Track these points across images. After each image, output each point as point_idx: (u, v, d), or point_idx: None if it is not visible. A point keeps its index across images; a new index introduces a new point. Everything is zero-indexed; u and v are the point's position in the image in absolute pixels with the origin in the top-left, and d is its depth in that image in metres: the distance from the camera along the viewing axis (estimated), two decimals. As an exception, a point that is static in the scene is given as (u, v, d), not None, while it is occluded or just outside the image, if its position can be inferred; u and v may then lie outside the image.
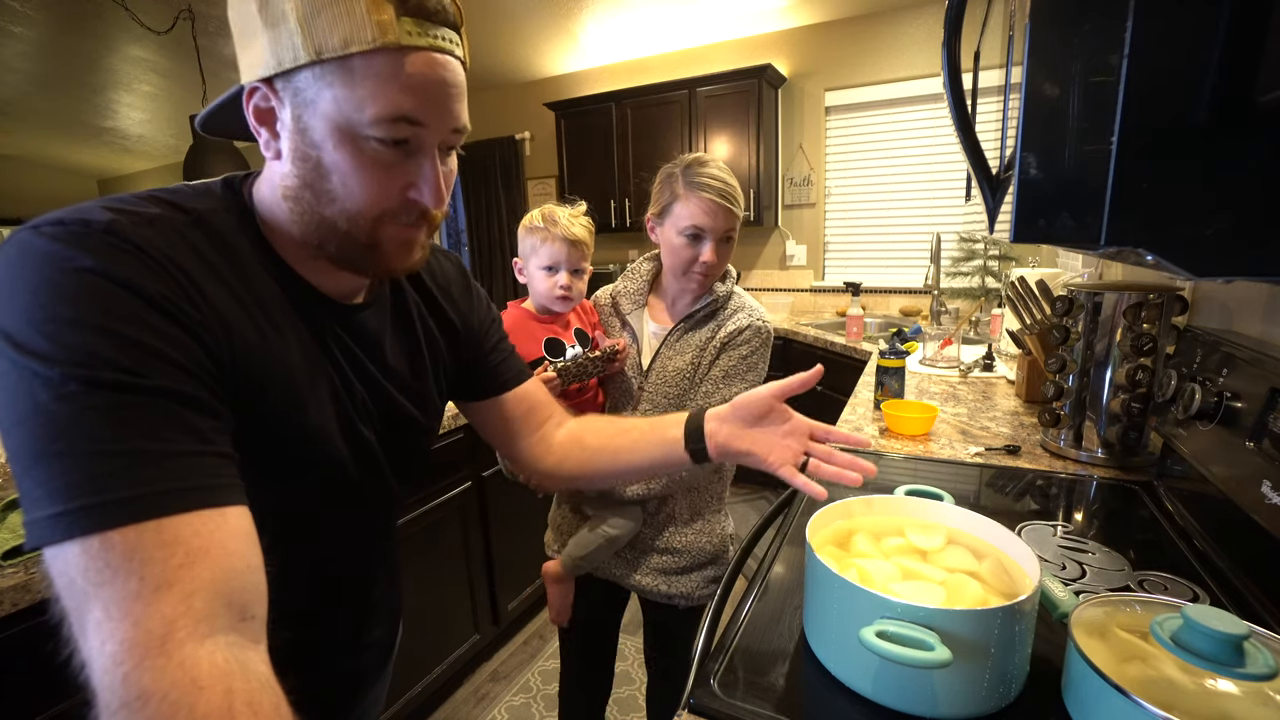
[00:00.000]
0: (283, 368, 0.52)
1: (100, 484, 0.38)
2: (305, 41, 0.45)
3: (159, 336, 0.42)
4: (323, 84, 0.46)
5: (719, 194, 1.03)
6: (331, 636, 0.68)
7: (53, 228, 0.42)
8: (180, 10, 3.12)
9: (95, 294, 0.41)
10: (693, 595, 1.16)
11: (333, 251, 0.53)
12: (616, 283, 1.25)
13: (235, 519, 0.42)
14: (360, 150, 0.48)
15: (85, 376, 0.39)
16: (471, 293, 0.77)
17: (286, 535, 0.49)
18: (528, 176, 4.47)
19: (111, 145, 5.77)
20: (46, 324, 0.39)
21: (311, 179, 0.49)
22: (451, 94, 0.50)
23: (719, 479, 1.19)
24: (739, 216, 1.08)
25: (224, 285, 0.49)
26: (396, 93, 0.46)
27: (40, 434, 0.38)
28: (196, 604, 0.38)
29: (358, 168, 0.48)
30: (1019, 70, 0.54)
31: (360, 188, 0.49)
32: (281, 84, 0.48)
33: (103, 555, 0.37)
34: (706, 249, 1.06)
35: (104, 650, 0.36)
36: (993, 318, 2.24)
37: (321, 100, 0.47)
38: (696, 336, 1.12)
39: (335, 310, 0.58)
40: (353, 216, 0.50)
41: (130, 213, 0.45)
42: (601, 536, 1.14)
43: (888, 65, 3.23)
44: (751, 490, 3.29)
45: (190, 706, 0.35)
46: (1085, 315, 1.06)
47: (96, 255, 0.41)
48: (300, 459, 0.55)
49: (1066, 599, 0.61)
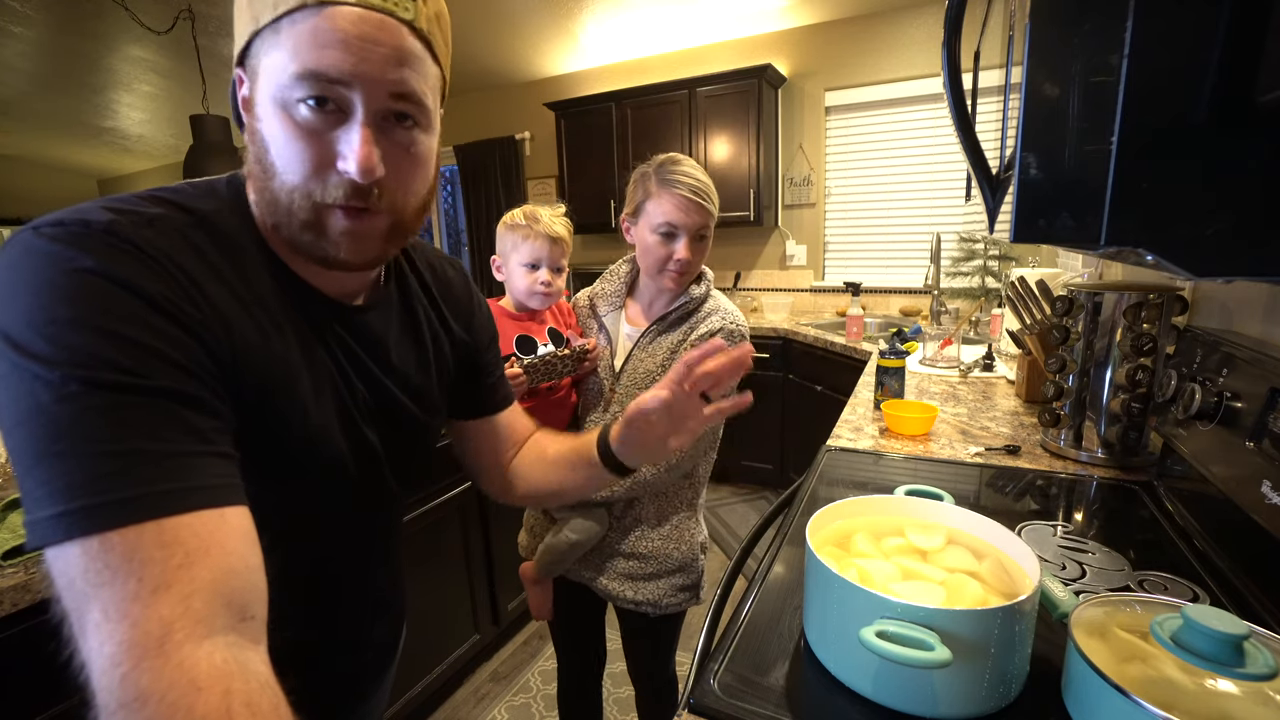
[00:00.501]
0: (284, 367, 0.52)
1: (101, 484, 0.38)
2: (249, 11, 0.45)
3: (159, 337, 0.42)
4: (262, 53, 0.46)
5: (691, 190, 1.04)
6: (332, 637, 0.68)
7: (53, 229, 0.42)
8: (180, 10, 3.12)
9: (95, 295, 0.41)
10: (661, 603, 1.15)
11: (285, 234, 0.51)
12: (595, 284, 1.24)
13: (235, 519, 0.42)
14: (290, 117, 0.46)
15: (86, 377, 0.39)
16: (474, 305, 0.76)
17: (287, 535, 0.49)
18: (528, 176, 4.47)
19: (111, 145, 5.77)
20: (47, 325, 0.39)
21: (259, 153, 0.48)
22: (382, 54, 0.46)
23: (689, 485, 1.18)
24: (713, 214, 1.07)
25: (225, 285, 0.48)
26: (315, 49, 0.44)
27: (41, 435, 0.38)
28: (195, 605, 0.38)
29: (289, 136, 0.46)
30: (1019, 70, 0.54)
31: (291, 156, 0.47)
32: (246, 65, 0.48)
33: (102, 556, 0.37)
34: (680, 246, 1.06)
35: (102, 651, 0.36)
36: (993, 318, 2.24)
37: (262, 69, 0.46)
38: (669, 339, 1.11)
39: (336, 310, 0.58)
40: (289, 190, 0.48)
41: (130, 213, 0.45)
42: (565, 541, 1.13)
43: (888, 65, 3.23)
44: (751, 490, 3.30)
45: (188, 708, 0.35)
46: (1085, 315, 1.06)
47: (96, 256, 0.41)
48: (301, 458, 0.55)
49: (1066, 599, 0.61)
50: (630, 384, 1.11)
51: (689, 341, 1.09)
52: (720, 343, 0.64)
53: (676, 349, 1.10)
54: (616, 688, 1.86)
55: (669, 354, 1.10)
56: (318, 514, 0.60)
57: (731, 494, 3.26)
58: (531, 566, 1.20)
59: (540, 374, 1.09)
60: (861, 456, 1.17)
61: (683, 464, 1.11)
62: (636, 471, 0.72)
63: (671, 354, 1.10)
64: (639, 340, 1.13)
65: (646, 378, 1.10)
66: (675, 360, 1.08)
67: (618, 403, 1.13)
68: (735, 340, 1.10)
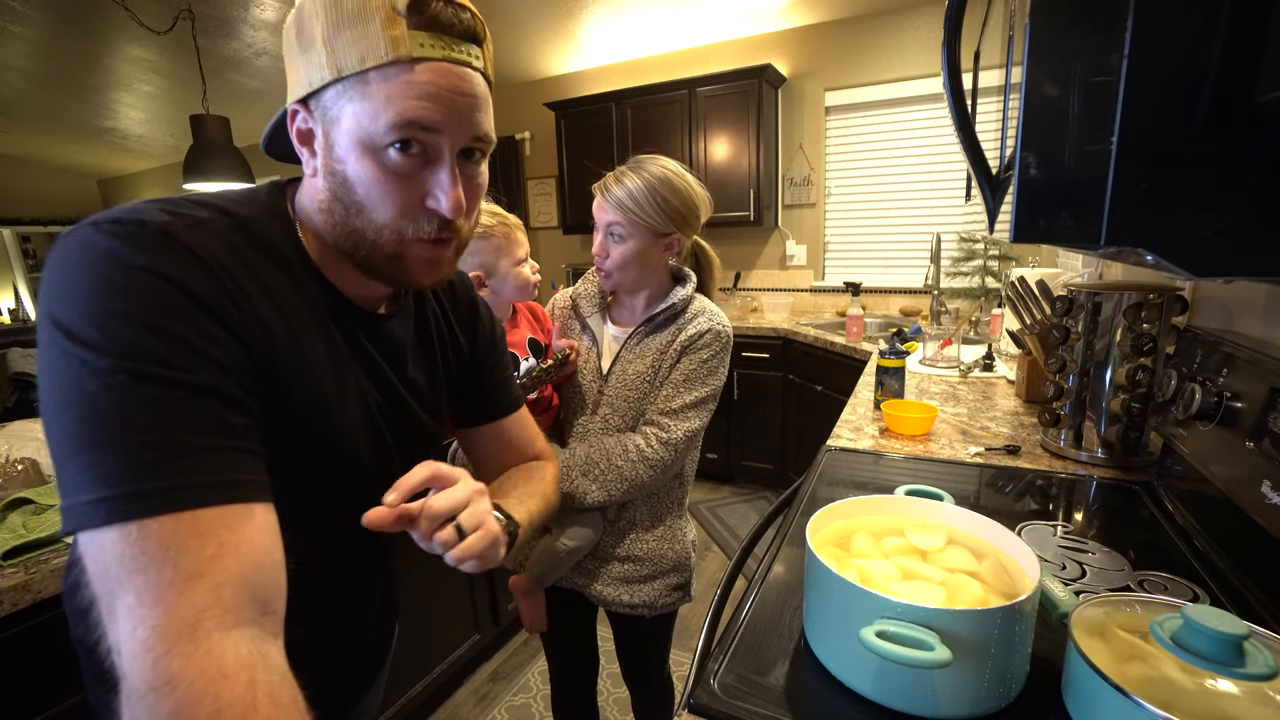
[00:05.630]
0: (314, 370, 0.53)
1: (142, 473, 0.39)
2: (329, 61, 0.47)
3: (204, 335, 0.44)
4: (344, 100, 0.49)
5: (604, 188, 1.07)
6: (332, 636, 0.69)
7: (111, 225, 0.43)
8: (180, 10, 3.12)
9: (148, 291, 0.42)
10: (656, 604, 1.15)
11: (362, 258, 0.54)
12: (576, 285, 1.24)
13: (262, 515, 0.44)
14: (380, 162, 0.50)
15: (133, 369, 0.40)
16: (478, 313, 0.77)
17: (303, 533, 0.49)
18: (528, 176, 4.47)
19: (111, 145, 5.77)
20: (99, 316, 0.41)
21: (340, 192, 0.51)
22: (466, 102, 0.50)
23: (679, 484, 1.18)
24: (627, 214, 1.05)
25: (263, 288, 0.50)
26: (407, 100, 0.48)
27: (87, 421, 0.39)
28: (225, 595, 0.39)
29: (378, 179, 0.50)
30: (1019, 70, 0.54)
31: (382, 198, 0.50)
32: (314, 104, 0.50)
33: (140, 543, 0.38)
34: (596, 240, 1.10)
35: (135, 635, 0.36)
36: (993, 318, 2.24)
37: (344, 116, 0.49)
38: (657, 340, 1.11)
39: (363, 318, 0.60)
40: (378, 227, 0.52)
41: (181, 215, 0.47)
42: (562, 549, 1.12)
43: (888, 65, 3.23)
44: (751, 490, 3.30)
45: (215, 695, 0.36)
46: (1085, 315, 1.06)
47: (151, 254, 0.43)
48: (324, 458, 0.56)
49: (1066, 599, 0.61)
50: (620, 385, 1.11)
51: (678, 343, 1.09)
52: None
53: (665, 350, 1.10)
54: (616, 688, 1.86)
55: (658, 355, 1.10)
56: (333, 514, 0.61)
57: (732, 494, 3.26)
58: (523, 578, 1.17)
59: (526, 390, 1.09)
60: (861, 456, 1.17)
61: (675, 466, 1.11)
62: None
63: (660, 355, 1.10)
64: (627, 341, 1.13)
65: (636, 379, 1.10)
66: (664, 361, 1.10)
67: (607, 404, 1.12)
68: (722, 341, 1.10)
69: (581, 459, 1.07)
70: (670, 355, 1.09)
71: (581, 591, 1.18)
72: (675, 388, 1.08)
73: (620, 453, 1.05)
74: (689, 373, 1.08)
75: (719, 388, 1.11)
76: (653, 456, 1.05)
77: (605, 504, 1.10)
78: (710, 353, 1.09)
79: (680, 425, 1.06)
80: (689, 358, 1.09)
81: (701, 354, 1.09)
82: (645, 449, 1.05)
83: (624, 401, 1.11)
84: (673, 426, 1.06)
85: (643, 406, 1.10)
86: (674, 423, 1.06)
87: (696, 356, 1.08)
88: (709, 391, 1.09)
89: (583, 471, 1.06)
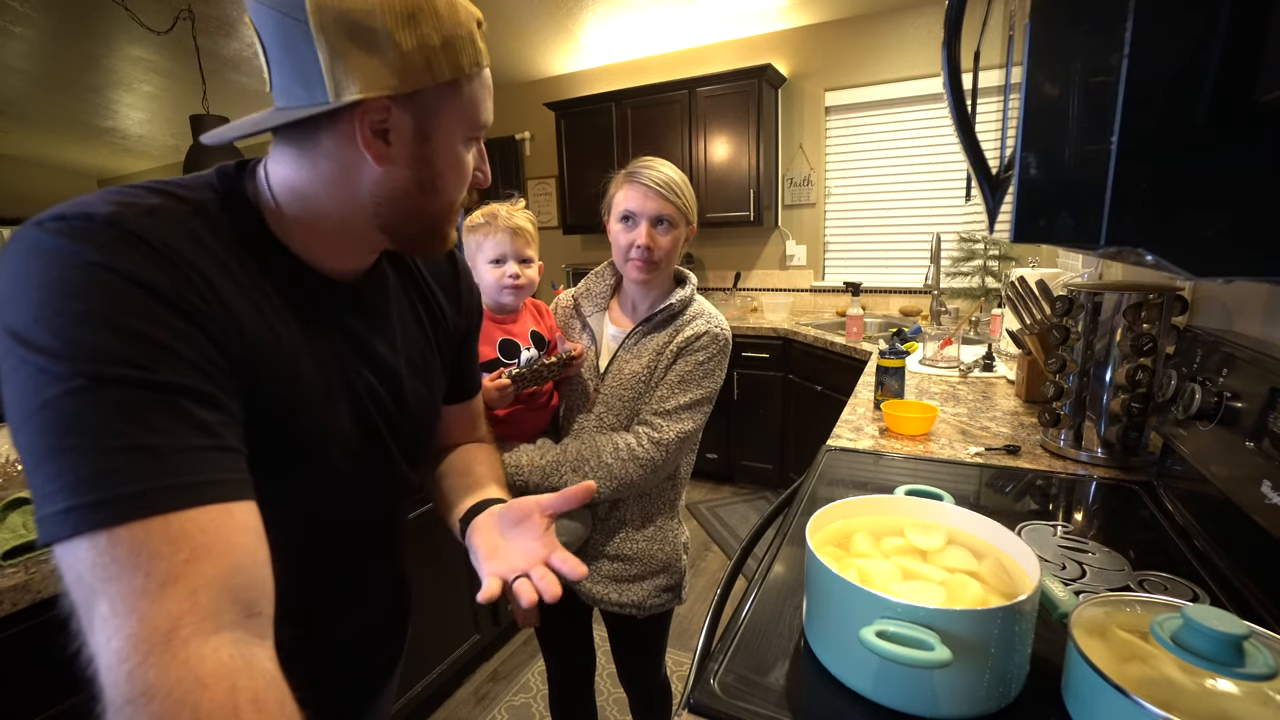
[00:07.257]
0: (291, 356, 0.52)
1: (108, 479, 0.38)
2: (425, 65, 0.50)
3: (166, 331, 0.42)
4: (444, 99, 0.53)
5: (650, 180, 1.06)
6: (338, 635, 0.68)
7: (56, 223, 0.42)
8: (180, 10, 3.13)
9: (102, 289, 0.40)
10: (645, 605, 1.15)
11: (408, 234, 0.58)
12: (579, 284, 1.24)
13: (242, 514, 0.42)
14: (461, 150, 0.57)
15: (93, 372, 0.39)
16: (461, 284, 0.77)
17: (293, 529, 0.49)
18: (528, 176, 4.47)
19: (111, 145, 5.77)
20: (53, 320, 0.39)
21: (424, 175, 0.55)
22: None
23: (672, 485, 1.18)
24: (673, 204, 1.07)
25: (229, 275, 0.48)
26: (483, 102, 0.57)
27: (49, 430, 0.38)
28: (202, 600, 0.38)
29: (457, 164, 0.57)
30: (1019, 70, 0.54)
31: (456, 179, 0.57)
32: (405, 101, 0.51)
33: (110, 551, 0.37)
34: (639, 231, 1.07)
35: (110, 646, 0.36)
36: (993, 318, 2.24)
37: (443, 113, 0.54)
38: (654, 340, 1.11)
39: (340, 291, 0.59)
40: (450, 202, 0.58)
41: (130, 204, 0.45)
42: None
43: (888, 65, 3.23)
44: (751, 490, 3.30)
45: (194, 704, 0.35)
46: (1085, 315, 1.06)
47: (101, 249, 0.41)
48: (310, 447, 0.55)
49: (1066, 599, 0.61)
50: (616, 384, 1.11)
51: (674, 344, 1.09)
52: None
53: (662, 350, 1.10)
54: (615, 688, 1.86)
55: (654, 355, 1.10)
56: (326, 507, 0.60)
57: (732, 494, 3.26)
58: None
59: (527, 381, 1.08)
60: (861, 456, 1.17)
61: (666, 466, 1.10)
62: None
63: (657, 355, 1.10)
64: (624, 341, 1.13)
65: (632, 378, 1.10)
66: (660, 361, 1.10)
67: (602, 403, 1.12)
68: (719, 344, 1.10)
69: (573, 455, 1.07)
70: (667, 356, 1.09)
71: (573, 588, 1.18)
72: (670, 389, 1.08)
73: (611, 450, 1.05)
74: (685, 374, 1.08)
75: (715, 390, 1.11)
76: (643, 455, 1.05)
77: (594, 501, 1.10)
78: (707, 355, 1.09)
79: (673, 426, 1.06)
80: (685, 359, 1.09)
81: (698, 355, 1.08)
82: (636, 448, 1.05)
83: (619, 400, 1.11)
84: (665, 427, 1.06)
85: (638, 406, 1.10)
86: (667, 423, 1.06)
87: (693, 358, 1.08)
88: (704, 394, 1.09)
89: (573, 467, 1.06)
